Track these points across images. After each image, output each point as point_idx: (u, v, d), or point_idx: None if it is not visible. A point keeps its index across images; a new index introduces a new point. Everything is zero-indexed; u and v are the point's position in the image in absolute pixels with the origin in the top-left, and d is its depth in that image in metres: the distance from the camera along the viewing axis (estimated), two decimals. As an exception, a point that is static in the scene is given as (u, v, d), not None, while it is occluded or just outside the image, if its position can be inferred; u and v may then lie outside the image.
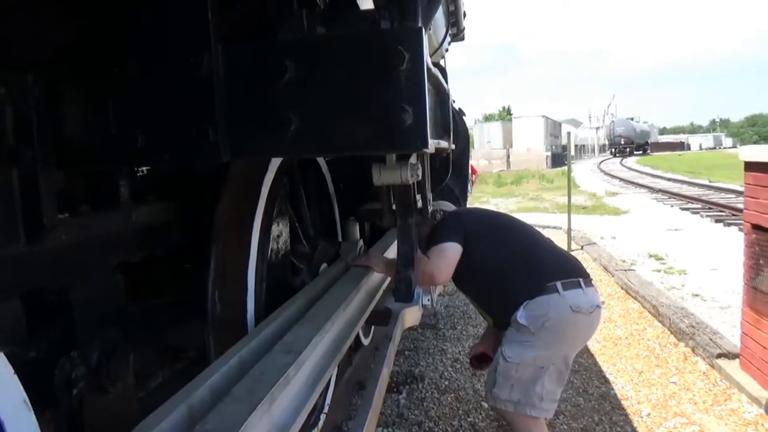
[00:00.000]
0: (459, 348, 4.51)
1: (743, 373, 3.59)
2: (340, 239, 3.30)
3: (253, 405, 1.21)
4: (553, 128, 42.99)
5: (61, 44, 1.29)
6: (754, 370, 3.48)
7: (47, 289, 1.41)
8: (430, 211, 2.26)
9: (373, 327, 4.34)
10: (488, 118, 67.91)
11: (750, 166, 3.50)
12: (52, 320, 1.46)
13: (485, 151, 41.00)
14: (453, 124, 4.32)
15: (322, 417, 2.95)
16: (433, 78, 1.71)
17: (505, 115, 66.87)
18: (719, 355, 3.87)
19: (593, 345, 4.54)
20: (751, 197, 3.49)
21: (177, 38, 1.21)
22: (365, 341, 4.17)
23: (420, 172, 1.99)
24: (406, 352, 4.43)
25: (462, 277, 2.57)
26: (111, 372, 1.59)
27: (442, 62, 2.93)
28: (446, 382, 3.81)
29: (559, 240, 9.60)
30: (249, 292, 2.05)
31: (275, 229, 2.28)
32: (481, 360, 2.88)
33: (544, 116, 39.12)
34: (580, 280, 2.42)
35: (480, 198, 18.87)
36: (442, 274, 2.40)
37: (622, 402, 3.49)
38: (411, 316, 2.03)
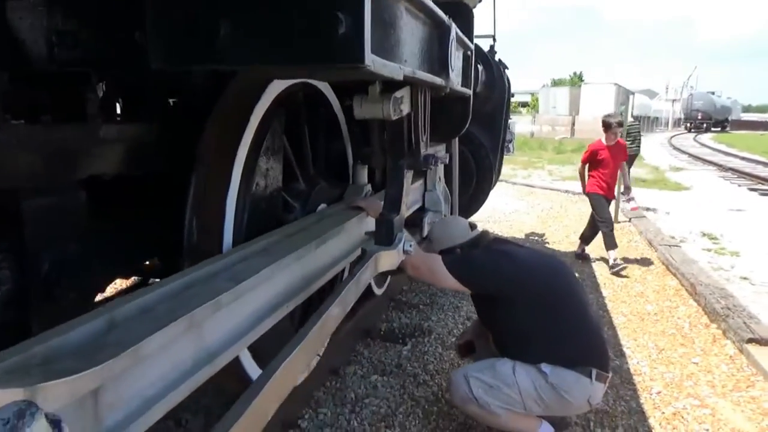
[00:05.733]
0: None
1: (773, 361, 3.34)
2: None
3: (164, 323, 1.17)
4: (625, 97, 40.87)
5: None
6: (784, 359, 3.23)
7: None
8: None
9: (389, 278, 4.30)
10: (558, 83, 65.31)
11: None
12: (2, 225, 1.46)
13: (549, 116, 39.51)
14: (488, 74, 4.11)
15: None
16: (416, 3, 1.58)
17: (577, 80, 64.08)
18: (750, 340, 3.61)
19: (617, 318, 4.35)
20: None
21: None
22: (378, 291, 4.13)
23: (405, 108, 1.86)
24: (421, 306, 4.37)
25: (487, 310, 2.58)
26: (63, 283, 1.59)
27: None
28: (452, 339, 3.73)
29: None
30: (227, 223, 2.01)
31: (264, 162, 2.22)
32: (468, 349, 2.84)
33: (615, 84, 37.16)
34: (609, 375, 2.40)
35: (535, 163, 18.32)
36: (431, 281, 2.61)
37: (634, 377, 3.32)
38: (387, 259, 1.94)
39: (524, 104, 63.40)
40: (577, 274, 5.60)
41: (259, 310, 1.55)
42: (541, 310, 2.36)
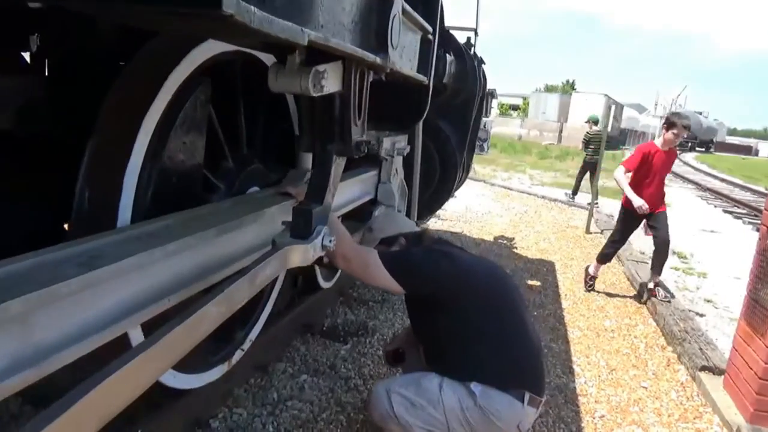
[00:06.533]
0: (427, 310, 4.21)
1: (723, 392, 3.19)
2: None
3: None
4: (614, 109, 41.01)
5: None
6: (735, 391, 3.08)
7: None
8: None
9: (339, 271, 4.08)
10: (550, 89, 65.44)
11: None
12: None
13: (539, 121, 39.60)
14: (459, 66, 3.89)
15: (238, 353, 2.73)
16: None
17: (569, 88, 64.27)
18: (703, 368, 3.46)
19: (573, 332, 4.18)
20: (775, 198, 3.00)
21: None
22: (325, 284, 3.91)
23: (331, 85, 1.63)
24: (371, 303, 4.16)
25: (419, 316, 2.35)
26: None
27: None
28: (396, 342, 3.53)
29: (580, 219, 9.10)
30: (124, 197, 1.77)
31: (180, 134, 1.98)
32: (396, 357, 2.64)
33: (605, 95, 37.26)
34: (543, 399, 2.18)
35: (518, 167, 18.22)
36: (362, 276, 2.20)
37: (579, 398, 3.16)
38: (299, 255, 1.71)
39: (515, 107, 63.49)
40: (539, 282, 5.47)
41: (122, 303, 1.32)
42: (476, 321, 2.16)
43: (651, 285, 5.06)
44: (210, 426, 2.48)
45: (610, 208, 10.35)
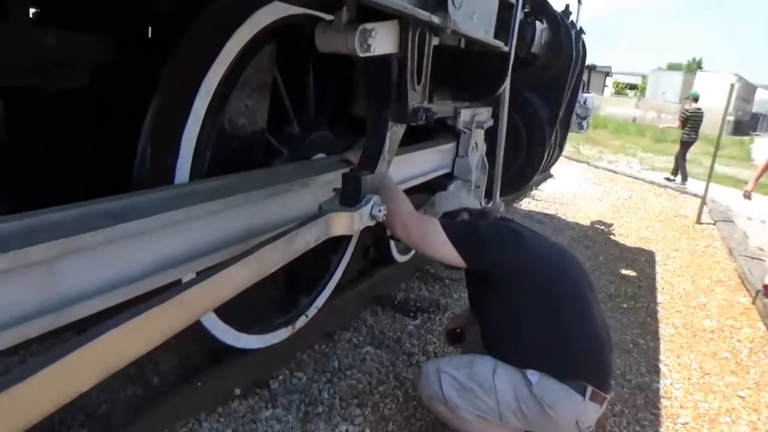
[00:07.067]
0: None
1: (838, 412, 2.79)
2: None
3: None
4: (745, 91, 37.18)
5: None
6: None
7: None
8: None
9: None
10: (673, 68, 60.57)
11: None
12: None
13: (657, 102, 36.80)
14: (554, 35, 3.65)
15: (302, 318, 2.76)
16: None
17: (695, 67, 59.15)
18: (816, 382, 3.05)
19: (665, 329, 3.84)
20: None
21: None
22: (401, 258, 3.87)
23: (380, 46, 1.54)
24: (447, 280, 4.06)
25: (478, 293, 2.23)
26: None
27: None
28: (466, 322, 3.42)
29: (691, 208, 8.34)
30: (181, 158, 1.80)
31: (241, 97, 1.98)
32: (456, 337, 2.53)
33: (736, 74, 33.83)
34: (608, 396, 2.01)
35: (628, 149, 17.11)
36: (420, 245, 2.07)
37: (662, 400, 2.89)
38: (342, 222, 1.65)
39: (633, 86, 59.61)
40: (634, 273, 5.08)
41: (152, 259, 1.32)
42: (538, 303, 2.01)
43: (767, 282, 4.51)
44: (269, 386, 2.53)
45: (729, 198, 9.42)
